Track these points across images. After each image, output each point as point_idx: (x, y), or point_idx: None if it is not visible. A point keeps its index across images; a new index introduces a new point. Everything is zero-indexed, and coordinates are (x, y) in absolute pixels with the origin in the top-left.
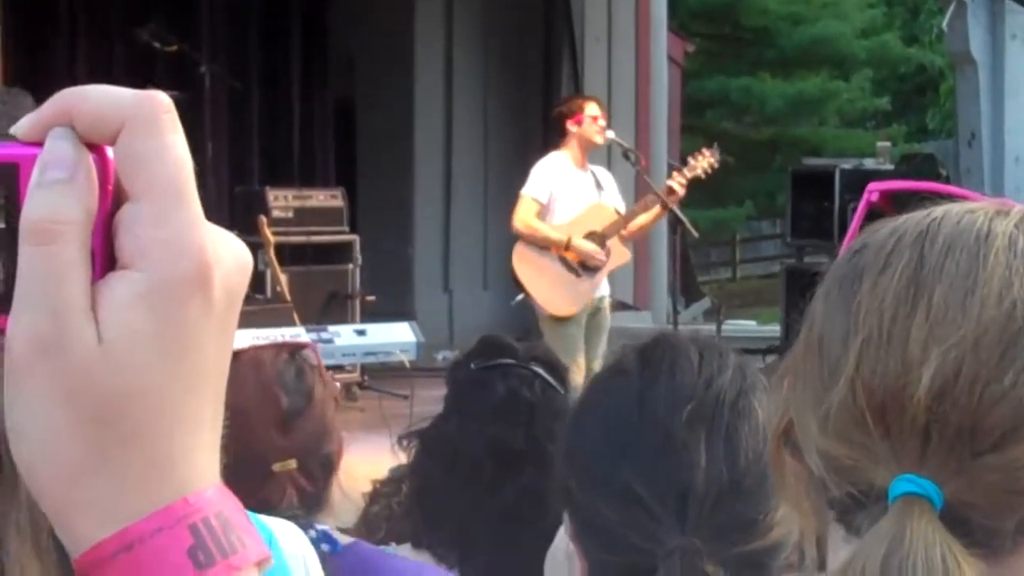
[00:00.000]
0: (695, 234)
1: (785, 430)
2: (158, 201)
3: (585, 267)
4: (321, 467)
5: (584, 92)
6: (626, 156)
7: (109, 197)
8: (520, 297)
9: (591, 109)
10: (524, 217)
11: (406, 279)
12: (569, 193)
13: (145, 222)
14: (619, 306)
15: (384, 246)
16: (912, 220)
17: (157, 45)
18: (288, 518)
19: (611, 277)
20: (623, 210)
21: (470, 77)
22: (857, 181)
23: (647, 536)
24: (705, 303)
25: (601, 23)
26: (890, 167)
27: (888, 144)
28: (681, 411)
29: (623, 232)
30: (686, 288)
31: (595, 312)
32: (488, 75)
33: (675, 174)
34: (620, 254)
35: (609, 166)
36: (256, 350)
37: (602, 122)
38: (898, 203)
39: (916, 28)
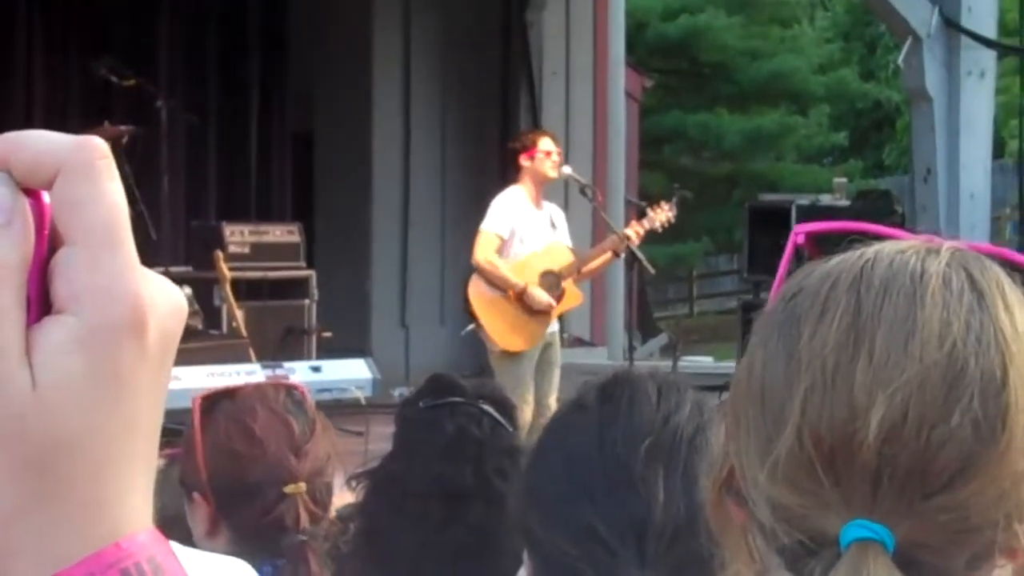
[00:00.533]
0: (651, 270)
1: (726, 478)
2: (93, 246)
3: (537, 310)
4: (323, 494)
5: (542, 126)
6: (583, 192)
7: (45, 242)
8: (471, 327)
9: (544, 144)
10: (486, 254)
11: (363, 314)
12: (527, 229)
13: (80, 267)
14: (575, 342)
15: (341, 281)
16: (845, 263)
17: (114, 79)
18: (297, 546)
19: (567, 313)
20: (572, 249)
21: (428, 111)
22: (813, 217)
23: (606, 572)
24: (662, 339)
25: (559, 58)
26: (846, 203)
27: (844, 180)
28: (639, 447)
29: (579, 275)
30: (642, 324)
31: (546, 347)
32: (446, 110)
33: (633, 223)
34: (574, 296)
35: (566, 201)
36: (256, 385)
37: (556, 157)
38: (826, 244)
39: (873, 64)
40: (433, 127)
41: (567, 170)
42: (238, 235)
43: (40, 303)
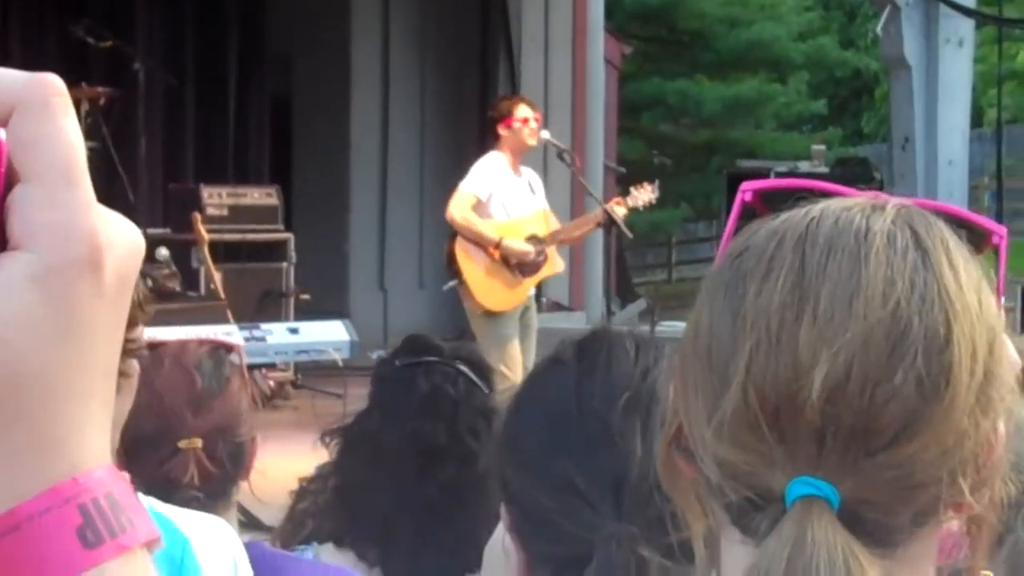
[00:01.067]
0: (630, 235)
1: (675, 435)
2: (49, 184)
3: (519, 266)
4: (229, 454)
5: (521, 93)
6: (561, 157)
7: (1, 179)
8: (453, 283)
9: (521, 111)
10: (462, 211)
11: (341, 277)
12: (506, 194)
13: (36, 205)
14: (554, 307)
15: (319, 244)
16: (791, 221)
17: (92, 41)
18: (189, 501)
19: (547, 279)
20: (551, 215)
21: (407, 76)
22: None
23: (584, 525)
24: (640, 304)
25: (538, 24)
26: (825, 170)
27: (823, 147)
28: (617, 401)
29: (561, 242)
30: (621, 289)
31: (524, 311)
32: (425, 75)
33: (615, 200)
34: (556, 262)
35: (544, 166)
36: (184, 340)
37: (533, 124)
38: (773, 202)
39: (852, 32)
40: (412, 92)
41: (545, 135)
42: (216, 197)
43: None
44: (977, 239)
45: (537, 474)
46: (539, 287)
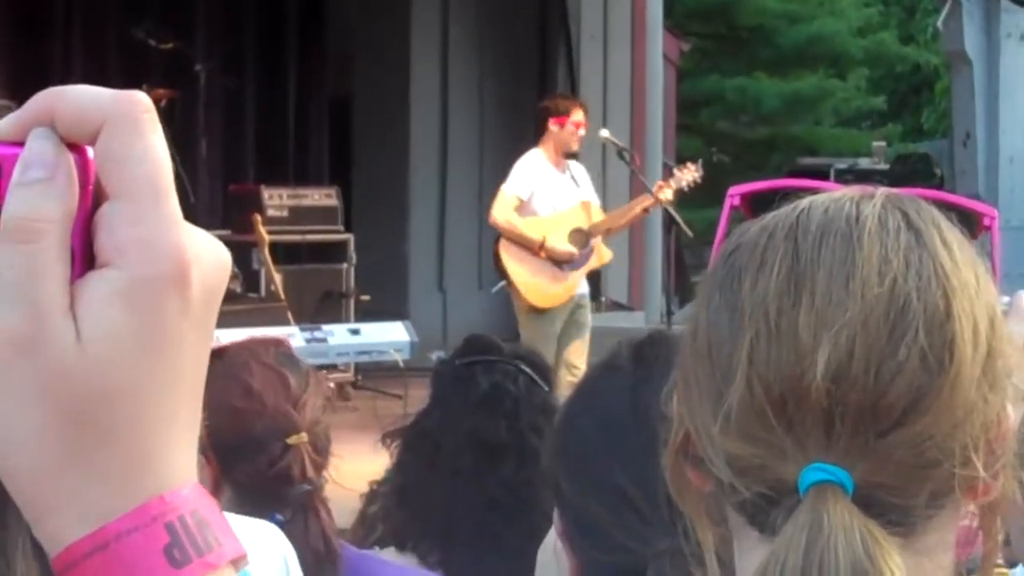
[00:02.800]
0: (690, 234)
1: (682, 444)
2: (137, 200)
3: (567, 263)
4: (323, 442)
5: (579, 91)
6: (620, 156)
7: (89, 196)
8: (501, 284)
9: (577, 116)
10: (505, 213)
11: (401, 278)
12: (549, 191)
13: (124, 221)
14: (613, 306)
15: (379, 245)
16: (781, 215)
17: (152, 43)
18: (303, 495)
19: (604, 277)
20: (598, 207)
21: (466, 76)
22: (852, 181)
23: (637, 538)
24: None
25: (597, 22)
26: (885, 167)
27: (883, 144)
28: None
29: (608, 232)
30: (680, 288)
31: (577, 309)
32: (484, 74)
33: (660, 183)
34: (603, 253)
35: (603, 164)
36: (241, 343)
37: (583, 131)
38: (761, 204)
39: (912, 27)
40: (470, 92)
41: (605, 133)
42: (276, 198)
43: (85, 257)
44: (969, 223)
45: (590, 483)
46: (598, 286)
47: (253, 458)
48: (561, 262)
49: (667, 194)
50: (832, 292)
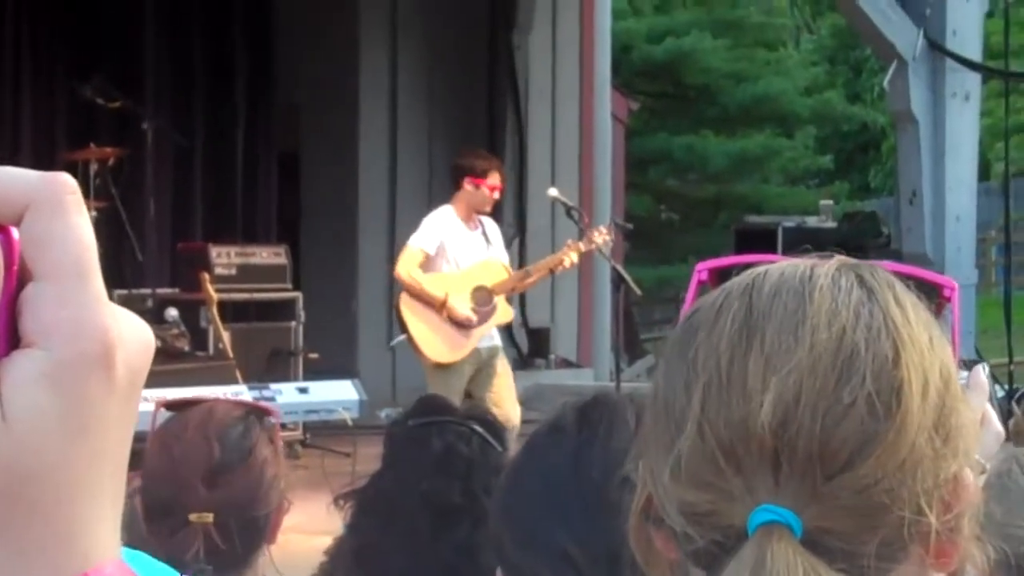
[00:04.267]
0: (638, 292)
1: (644, 506)
2: (62, 281)
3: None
4: (242, 529)
5: (528, 148)
6: (569, 214)
7: (14, 277)
8: (401, 337)
9: (493, 180)
10: (408, 267)
11: (350, 336)
12: (457, 247)
13: (48, 301)
14: (562, 363)
15: (327, 302)
16: (739, 279)
17: (100, 101)
18: (195, 572)
19: (553, 335)
20: (507, 264)
21: (414, 130)
22: (800, 238)
23: None
24: (649, 360)
25: (545, 79)
26: (832, 225)
27: (830, 202)
28: (616, 474)
29: (511, 290)
30: (630, 345)
31: (487, 360)
32: (432, 129)
33: (569, 245)
34: (505, 312)
35: (552, 222)
36: (215, 402)
37: (497, 195)
38: (725, 277)
39: (859, 86)
40: (420, 146)
41: (553, 192)
42: (224, 256)
43: (9, 338)
44: (929, 295)
45: (533, 543)
46: (547, 343)
47: (160, 522)
48: (460, 324)
49: (572, 258)
50: (781, 340)
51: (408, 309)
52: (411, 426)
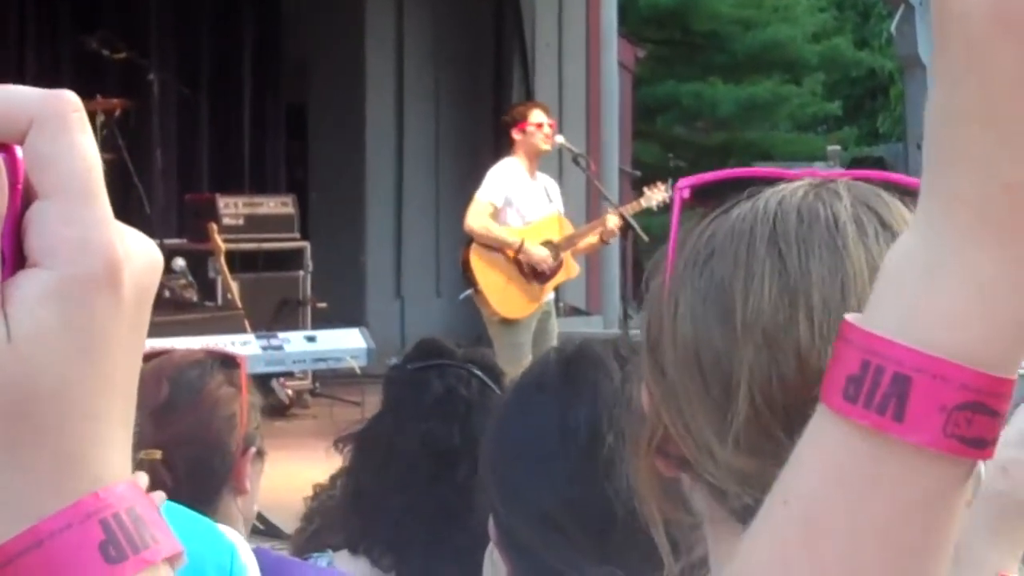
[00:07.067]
0: (646, 239)
1: (660, 443)
2: (67, 199)
3: (536, 273)
4: (189, 468)
5: (535, 98)
6: (576, 161)
7: (19, 196)
8: (468, 292)
9: (535, 116)
10: (479, 219)
11: (358, 285)
12: (522, 200)
13: (54, 220)
14: (571, 311)
15: (335, 252)
16: (750, 219)
17: (106, 53)
18: None
19: (564, 283)
20: (566, 220)
21: (422, 83)
22: None
23: (567, 562)
24: None
25: (551, 30)
26: (840, 170)
27: (838, 148)
28: (603, 432)
29: (575, 247)
30: (638, 292)
31: (544, 317)
32: (439, 81)
33: (631, 205)
34: (571, 267)
35: (560, 171)
36: (176, 351)
37: (547, 129)
38: (711, 195)
39: (866, 32)
40: (427, 99)
41: (560, 139)
42: (232, 207)
43: (15, 258)
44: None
45: (519, 505)
46: (557, 292)
47: None
48: (531, 272)
49: (613, 221)
50: (828, 306)
51: (480, 261)
52: (410, 370)
